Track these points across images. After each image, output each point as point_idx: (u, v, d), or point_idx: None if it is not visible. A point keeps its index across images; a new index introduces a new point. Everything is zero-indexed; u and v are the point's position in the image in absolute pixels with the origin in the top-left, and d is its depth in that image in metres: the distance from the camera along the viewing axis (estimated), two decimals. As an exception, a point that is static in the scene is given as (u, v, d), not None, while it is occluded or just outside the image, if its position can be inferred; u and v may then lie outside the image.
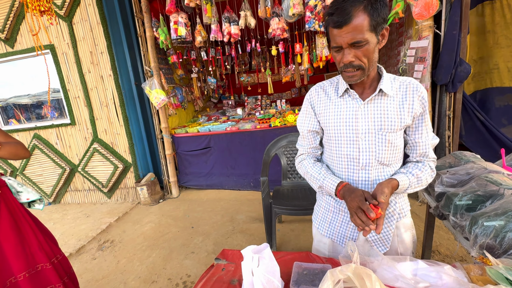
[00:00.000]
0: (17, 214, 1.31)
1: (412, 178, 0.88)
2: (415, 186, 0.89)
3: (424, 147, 0.91)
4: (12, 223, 1.26)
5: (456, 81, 2.28)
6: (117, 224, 2.98)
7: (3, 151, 1.23)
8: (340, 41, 0.76)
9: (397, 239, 0.96)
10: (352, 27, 0.72)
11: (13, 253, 1.24)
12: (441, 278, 0.71)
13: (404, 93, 0.87)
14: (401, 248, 0.97)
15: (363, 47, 0.75)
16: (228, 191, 3.56)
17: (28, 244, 1.30)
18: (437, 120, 2.54)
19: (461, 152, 1.35)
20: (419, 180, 0.89)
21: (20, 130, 3.64)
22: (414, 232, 1.01)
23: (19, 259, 1.25)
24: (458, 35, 2.22)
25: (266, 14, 2.82)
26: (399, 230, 0.96)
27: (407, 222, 0.98)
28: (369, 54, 0.77)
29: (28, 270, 1.27)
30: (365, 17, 0.72)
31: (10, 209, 1.29)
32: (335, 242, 1.02)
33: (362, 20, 0.72)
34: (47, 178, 3.74)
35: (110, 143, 3.49)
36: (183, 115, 4.29)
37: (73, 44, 3.20)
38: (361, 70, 0.80)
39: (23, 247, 1.27)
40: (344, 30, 0.73)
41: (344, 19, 0.72)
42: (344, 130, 0.90)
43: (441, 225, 2.19)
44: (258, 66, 5.07)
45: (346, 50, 0.77)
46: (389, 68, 3.72)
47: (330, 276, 0.66)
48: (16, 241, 1.26)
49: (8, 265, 1.22)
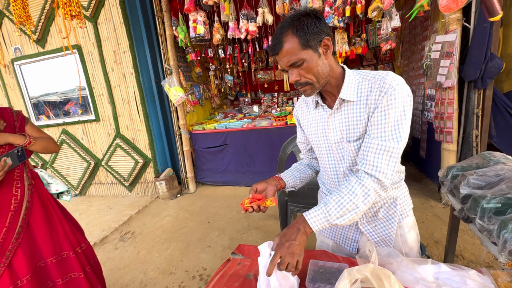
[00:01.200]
0: (47, 204, 1.40)
1: (326, 207, 0.76)
2: (339, 214, 0.75)
3: (363, 148, 0.80)
4: (42, 212, 1.35)
5: (486, 77, 2.14)
6: (137, 217, 3.11)
7: (36, 146, 1.31)
8: (281, 65, 0.82)
9: (400, 239, 0.94)
10: (285, 52, 0.78)
11: (43, 239, 1.33)
12: (466, 284, 0.69)
13: (370, 91, 0.80)
14: (405, 248, 0.95)
15: (302, 65, 0.79)
16: (244, 188, 3.59)
17: (56, 232, 1.39)
18: (464, 118, 2.41)
19: (490, 153, 1.28)
20: (341, 207, 0.75)
21: (49, 125, 3.87)
22: (417, 231, 0.99)
23: (47, 245, 1.34)
24: (489, 28, 2.08)
25: (284, 11, 2.79)
26: (403, 230, 0.94)
27: (410, 221, 0.96)
28: (311, 70, 0.79)
29: (55, 256, 1.36)
30: (293, 40, 0.76)
31: (41, 199, 1.38)
32: (338, 243, 1.03)
33: (292, 43, 0.76)
34: (74, 171, 3.96)
35: (131, 138, 3.63)
36: (201, 112, 4.37)
37: (98, 43, 3.34)
38: (310, 85, 0.82)
39: (51, 235, 1.36)
40: (280, 55, 0.79)
41: (277, 46, 0.79)
42: (322, 140, 0.94)
43: (466, 229, 2.09)
44: (275, 63, 5.03)
45: (289, 71, 0.82)
46: (412, 64, 3.57)
47: (347, 275, 0.65)
48: (46, 228, 1.35)
49: (38, 249, 1.32)
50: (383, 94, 0.77)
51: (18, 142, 1.23)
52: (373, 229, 0.94)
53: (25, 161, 1.26)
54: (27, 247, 1.26)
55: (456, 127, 2.39)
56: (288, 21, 0.78)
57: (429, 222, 2.29)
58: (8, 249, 1.19)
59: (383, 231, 0.93)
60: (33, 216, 1.31)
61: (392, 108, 0.76)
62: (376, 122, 0.78)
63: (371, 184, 0.76)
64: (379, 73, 0.82)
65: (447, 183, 1.27)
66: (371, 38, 4.25)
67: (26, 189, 1.29)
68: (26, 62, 3.71)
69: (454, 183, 1.21)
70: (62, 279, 1.36)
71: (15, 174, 1.26)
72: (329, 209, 0.76)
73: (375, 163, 0.76)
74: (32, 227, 1.30)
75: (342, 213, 0.75)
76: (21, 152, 1.19)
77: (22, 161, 1.21)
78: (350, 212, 0.76)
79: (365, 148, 0.79)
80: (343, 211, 0.75)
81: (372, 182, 0.76)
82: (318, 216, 0.76)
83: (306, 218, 0.76)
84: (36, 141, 1.30)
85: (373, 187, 0.76)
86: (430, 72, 2.57)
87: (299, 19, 0.76)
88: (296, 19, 0.77)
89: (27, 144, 1.25)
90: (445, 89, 2.38)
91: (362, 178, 0.77)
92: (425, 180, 3.15)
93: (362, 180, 0.77)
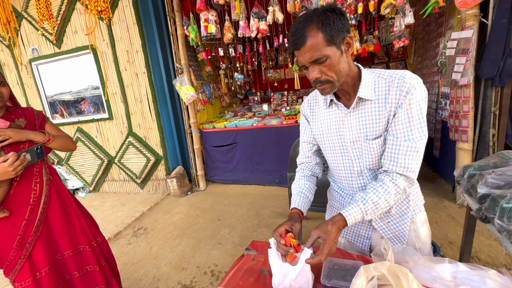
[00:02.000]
0: (65, 199, 1.45)
1: (365, 207, 0.78)
2: (373, 212, 0.79)
3: (391, 150, 0.81)
4: (60, 206, 1.40)
5: (505, 74, 2.08)
6: (149, 213, 3.17)
7: (55, 143, 1.36)
8: (302, 61, 0.79)
9: (413, 234, 0.95)
10: (309, 47, 0.74)
11: (60, 233, 1.38)
12: (485, 283, 0.68)
13: (388, 90, 0.80)
14: (419, 243, 0.95)
15: (325, 62, 0.76)
16: (254, 186, 3.61)
17: (73, 226, 1.44)
18: (480, 117, 2.35)
19: (509, 152, 1.24)
20: (377, 206, 0.79)
21: (65, 124, 3.99)
22: (428, 226, 0.99)
23: (64, 239, 1.39)
24: (508, 24, 2.02)
25: (295, 9, 2.78)
26: (416, 225, 0.95)
27: (422, 216, 0.96)
28: (333, 67, 0.77)
29: (72, 250, 1.41)
30: (319, 35, 0.73)
31: (59, 194, 1.43)
32: (350, 241, 1.03)
33: (316, 38, 0.73)
34: (88, 168, 4.08)
35: (143, 137, 3.70)
36: (211, 110, 4.41)
37: (112, 43, 3.42)
38: (330, 83, 0.80)
39: (68, 229, 1.41)
40: (302, 50, 0.76)
41: (300, 41, 0.75)
42: (336, 140, 0.92)
43: (482, 230, 2.04)
44: (285, 61, 5.02)
45: (310, 68, 0.79)
46: (425, 61, 3.50)
47: (363, 272, 0.65)
48: (63, 222, 1.40)
49: (56, 242, 1.37)
50: (404, 94, 0.78)
51: (38, 139, 1.28)
52: (386, 225, 0.94)
53: (44, 158, 1.31)
54: (46, 240, 1.31)
55: (472, 125, 2.33)
56: (312, 15, 0.75)
57: (443, 223, 2.24)
58: (28, 242, 1.24)
59: (396, 227, 0.93)
60: (51, 210, 1.36)
61: (415, 107, 0.77)
62: (401, 122, 0.79)
63: (403, 183, 0.80)
64: (395, 72, 0.82)
65: (464, 182, 1.25)
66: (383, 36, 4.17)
67: (45, 184, 1.34)
68: (43, 62, 3.83)
69: (471, 183, 1.18)
70: (78, 271, 1.41)
71: (34, 169, 1.31)
72: (367, 208, 0.79)
73: (406, 164, 0.79)
74: (50, 221, 1.35)
75: (377, 211, 0.80)
76: (40, 149, 1.24)
77: (41, 158, 1.26)
78: (382, 209, 0.81)
79: (393, 149, 0.81)
80: (378, 210, 0.80)
81: (404, 181, 0.80)
82: (356, 216, 0.79)
83: (346, 218, 0.78)
84: (54, 139, 1.35)
85: (403, 185, 0.81)
86: (445, 69, 2.51)
87: (324, 13, 0.74)
88: (322, 14, 0.74)
89: (46, 141, 1.30)
90: (461, 86, 2.32)
91: (396, 179, 0.80)
92: (438, 180, 3.08)
93: (395, 180, 0.80)
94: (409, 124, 0.78)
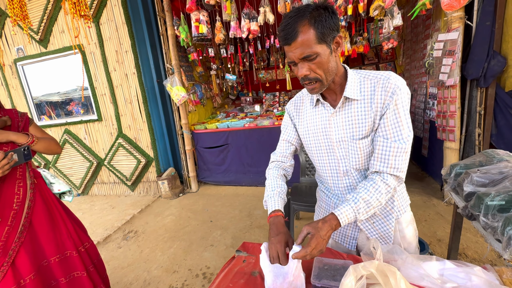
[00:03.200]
0: (50, 203, 1.41)
1: (356, 206, 0.78)
2: (365, 211, 0.79)
3: (382, 151, 0.81)
4: (45, 211, 1.36)
5: (489, 75, 2.14)
6: (140, 216, 3.12)
7: (39, 146, 1.32)
8: (292, 57, 0.77)
9: (399, 234, 0.96)
10: (300, 43, 0.73)
11: (45, 238, 1.33)
12: (470, 280, 0.69)
13: (373, 91, 0.81)
14: (404, 244, 0.96)
15: (314, 59, 0.75)
16: (246, 187, 3.60)
17: (59, 231, 1.40)
18: (467, 117, 2.41)
19: (494, 150, 1.28)
20: (368, 204, 0.79)
21: (52, 125, 3.89)
22: (415, 226, 1.00)
23: (50, 244, 1.34)
24: (492, 26, 2.08)
25: (286, 10, 2.79)
26: (401, 225, 0.95)
27: (407, 217, 0.97)
28: (323, 65, 0.77)
29: (59, 255, 1.36)
30: (311, 31, 0.72)
31: (44, 198, 1.38)
32: (336, 241, 1.04)
33: (308, 35, 0.72)
34: (77, 171, 3.98)
35: (134, 138, 3.64)
36: (202, 111, 4.38)
37: (100, 44, 3.35)
38: (319, 82, 0.80)
39: (54, 234, 1.37)
40: (293, 46, 0.75)
41: (291, 36, 0.73)
42: (322, 139, 0.92)
43: (468, 227, 2.09)
44: (277, 62, 5.04)
45: (299, 64, 0.78)
46: (414, 62, 3.57)
47: (352, 272, 0.65)
48: (49, 228, 1.35)
49: (42, 248, 1.32)
50: (390, 94, 0.79)
51: (20, 141, 1.24)
52: (372, 226, 0.94)
53: (30, 160, 1.27)
54: (30, 246, 1.27)
55: (458, 125, 2.38)
56: (304, 10, 0.73)
57: (432, 221, 2.29)
58: (11, 248, 1.20)
59: (381, 227, 0.94)
60: (35, 215, 1.31)
61: (401, 108, 0.79)
62: (390, 123, 0.80)
63: (394, 183, 0.82)
64: (380, 73, 0.83)
65: (451, 181, 1.27)
66: (373, 37, 4.24)
67: (29, 188, 1.30)
68: (28, 62, 3.73)
69: (457, 181, 1.21)
70: (65, 278, 1.37)
71: (17, 172, 1.26)
72: (359, 207, 0.79)
73: (396, 165, 0.80)
74: (34, 226, 1.30)
75: (368, 210, 0.80)
76: (27, 151, 1.20)
77: (28, 159, 1.22)
78: (374, 208, 0.81)
79: (384, 151, 0.81)
80: (370, 209, 0.80)
81: (394, 181, 0.82)
82: (348, 215, 0.78)
83: (338, 217, 0.78)
84: (38, 141, 1.31)
85: (394, 185, 0.82)
86: (432, 70, 2.57)
87: (317, 10, 0.73)
88: (314, 10, 0.73)
89: (30, 143, 1.26)
90: (448, 87, 2.38)
91: (387, 178, 0.81)
92: (427, 179, 3.15)
93: (386, 180, 0.81)
94: (398, 124, 0.79)
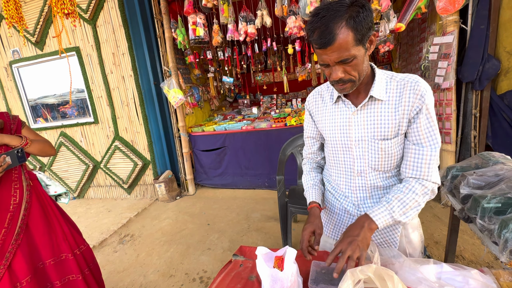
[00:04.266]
0: (46, 205, 1.39)
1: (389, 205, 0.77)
2: (401, 210, 0.77)
3: (413, 158, 0.81)
4: (41, 213, 1.35)
5: (484, 78, 2.16)
6: (137, 219, 3.09)
7: (32, 148, 1.31)
8: (326, 60, 0.73)
9: (405, 239, 0.95)
10: (337, 46, 0.69)
11: (41, 240, 1.32)
12: (468, 283, 0.69)
13: (400, 93, 0.80)
14: (409, 249, 0.96)
15: (351, 62, 0.72)
16: (243, 190, 3.59)
17: (55, 234, 1.38)
18: (462, 119, 2.43)
19: (489, 153, 1.29)
20: (403, 203, 0.77)
21: (48, 128, 3.85)
22: (421, 232, 0.99)
23: (46, 247, 1.33)
24: (486, 30, 2.11)
25: (282, 13, 2.81)
26: (407, 231, 0.95)
27: (414, 222, 0.96)
28: (358, 67, 0.74)
29: (54, 258, 1.35)
30: (349, 33, 0.68)
31: (40, 200, 1.37)
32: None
33: (347, 37, 0.68)
34: (72, 174, 3.94)
35: (130, 141, 3.61)
36: (200, 114, 4.37)
37: (97, 46, 3.34)
38: (351, 83, 0.78)
39: (50, 236, 1.35)
40: (329, 50, 0.70)
41: (328, 40, 0.68)
42: (339, 137, 0.91)
43: (465, 229, 2.09)
44: (274, 65, 5.06)
45: (334, 67, 0.75)
46: (410, 65, 3.59)
47: (350, 276, 0.65)
48: (45, 230, 1.34)
49: (37, 251, 1.31)
50: (419, 97, 0.77)
51: (14, 143, 1.22)
52: (377, 231, 0.94)
53: (25, 162, 1.26)
54: (27, 248, 1.26)
55: (454, 128, 2.40)
56: (339, 8, 0.67)
57: (429, 223, 2.29)
58: (8, 251, 1.18)
59: (387, 232, 0.93)
60: (32, 217, 1.30)
61: (433, 113, 0.78)
62: (423, 128, 0.79)
63: (430, 185, 0.80)
64: (408, 76, 0.82)
65: (447, 183, 1.28)
66: (369, 40, 4.26)
67: (25, 190, 1.29)
68: (24, 64, 3.70)
69: (454, 183, 1.21)
70: (60, 281, 1.36)
71: (13, 175, 1.25)
72: (392, 206, 0.78)
73: (430, 172, 0.80)
74: (31, 228, 1.29)
75: (405, 210, 0.78)
76: (21, 153, 1.19)
77: (22, 162, 1.21)
78: (412, 209, 0.79)
79: (416, 158, 0.81)
80: (406, 209, 0.78)
81: (431, 184, 0.80)
82: (382, 213, 0.77)
83: (370, 215, 0.77)
84: (32, 143, 1.30)
85: (431, 187, 0.80)
86: (428, 73, 2.59)
87: (353, 7, 0.68)
88: (350, 7, 0.68)
89: (23, 145, 1.25)
90: (443, 90, 2.40)
91: (422, 182, 0.80)
92: (424, 181, 3.16)
93: (422, 182, 0.80)
94: (432, 129, 0.78)
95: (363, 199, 0.93)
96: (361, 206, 0.94)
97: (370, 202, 0.92)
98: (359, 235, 0.73)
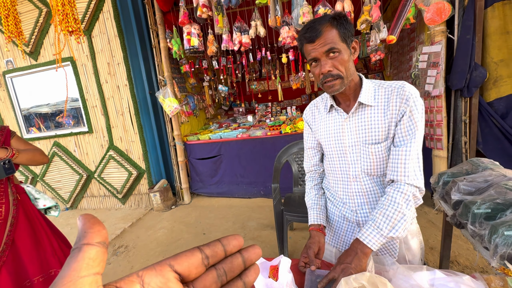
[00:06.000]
0: (34, 220, 1.36)
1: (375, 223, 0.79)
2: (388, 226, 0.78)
3: (391, 159, 0.83)
4: (29, 228, 1.31)
5: (472, 86, 2.23)
6: (131, 230, 3.04)
7: (21, 158, 1.29)
8: (315, 54, 0.82)
9: (404, 246, 0.96)
10: (324, 38, 0.80)
11: (28, 257, 1.28)
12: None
13: (388, 98, 0.85)
14: (409, 256, 0.97)
15: (338, 56, 0.81)
16: (239, 199, 3.57)
17: (43, 249, 1.34)
18: (453, 125, 2.48)
19: (479, 159, 1.32)
20: (388, 218, 0.79)
21: (41, 138, 3.81)
22: (421, 239, 1.00)
23: (34, 263, 1.29)
24: (472, 39, 2.18)
25: (276, 23, 2.87)
26: (406, 238, 0.96)
27: (413, 228, 0.98)
28: (344, 63, 0.82)
29: (43, 275, 1.31)
30: (334, 30, 0.80)
31: (28, 215, 1.34)
32: (341, 250, 1.04)
33: (332, 32, 0.80)
34: (65, 184, 3.88)
35: (125, 150, 3.59)
36: (195, 122, 4.38)
37: (92, 56, 3.35)
38: (340, 79, 0.83)
39: (38, 252, 1.32)
40: (317, 42, 0.80)
41: (316, 34, 0.80)
42: (334, 143, 0.95)
43: (460, 235, 2.11)
44: (268, 73, 5.12)
45: (322, 61, 0.82)
46: (401, 73, 3.68)
47: (344, 284, 0.65)
48: (32, 245, 1.30)
49: (24, 268, 1.27)
50: (404, 101, 0.82)
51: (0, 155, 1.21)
52: None
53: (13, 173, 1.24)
54: (12, 266, 1.22)
55: (445, 134, 2.45)
56: (324, 17, 0.81)
57: (424, 229, 2.31)
58: None
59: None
60: (18, 232, 1.27)
61: (418, 116, 0.81)
62: (404, 129, 0.82)
63: (410, 190, 0.80)
64: (394, 82, 0.87)
65: (439, 189, 1.30)
66: (361, 49, 4.37)
67: (11, 205, 1.26)
68: (18, 74, 3.68)
69: (445, 189, 1.23)
70: None
71: None
72: (378, 224, 0.79)
73: (407, 173, 0.81)
74: (17, 244, 1.26)
75: (392, 224, 0.79)
76: (8, 164, 1.17)
77: (10, 173, 1.19)
78: (399, 221, 0.79)
79: (393, 159, 0.83)
80: (393, 223, 0.79)
81: (411, 188, 0.81)
82: (371, 234, 0.78)
83: (361, 239, 0.78)
84: (20, 154, 1.28)
85: (411, 191, 0.80)
86: (418, 81, 2.66)
87: (337, 18, 0.81)
88: (334, 17, 0.81)
89: (10, 157, 1.23)
90: (433, 97, 2.46)
91: (400, 187, 0.81)
92: (418, 187, 3.19)
93: (400, 188, 0.81)
94: (412, 131, 0.81)
95: (360, 204, 0.95)
96: (359, 212, 0.95)
97: (368, 207, 0.94)
98: (351, 262, 0.75)
